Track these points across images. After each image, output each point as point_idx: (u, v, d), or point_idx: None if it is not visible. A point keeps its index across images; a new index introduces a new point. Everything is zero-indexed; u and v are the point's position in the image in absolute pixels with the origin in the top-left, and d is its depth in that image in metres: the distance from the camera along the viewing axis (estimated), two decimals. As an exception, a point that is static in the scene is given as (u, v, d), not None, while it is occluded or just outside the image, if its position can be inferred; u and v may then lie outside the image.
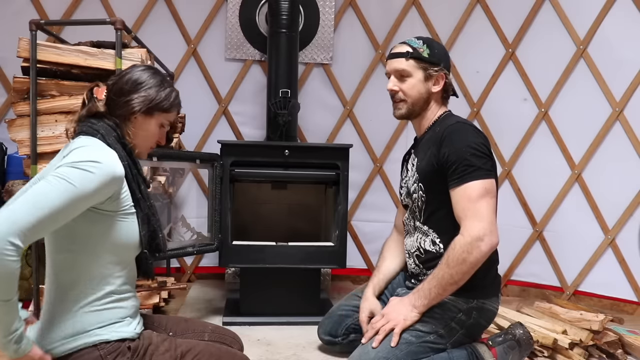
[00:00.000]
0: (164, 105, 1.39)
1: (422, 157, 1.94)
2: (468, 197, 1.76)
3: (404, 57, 1.93)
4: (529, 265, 3.35)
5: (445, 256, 1.78)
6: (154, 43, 2.81)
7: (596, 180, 3.14)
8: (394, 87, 1.96)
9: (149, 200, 1.37)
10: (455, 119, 1.94)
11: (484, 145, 1.83)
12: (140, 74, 1.39)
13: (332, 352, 2.19)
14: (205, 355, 1.37)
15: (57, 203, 1.14)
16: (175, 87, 1.46)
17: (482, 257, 1.73)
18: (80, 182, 1.18)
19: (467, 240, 1.73)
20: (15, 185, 2.23)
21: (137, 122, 1.38)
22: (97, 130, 1.31)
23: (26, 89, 2.16)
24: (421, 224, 1.95)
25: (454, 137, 1.82)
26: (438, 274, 1.77)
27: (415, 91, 1.94)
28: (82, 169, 1.20)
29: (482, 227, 1.73)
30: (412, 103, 1.95)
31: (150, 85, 1.38)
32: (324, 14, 3.42)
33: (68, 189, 1.16)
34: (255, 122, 3.43)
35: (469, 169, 1.77)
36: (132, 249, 1.34)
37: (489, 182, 1.78)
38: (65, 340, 1.26)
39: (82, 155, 1.23)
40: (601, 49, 3.10)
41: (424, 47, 1.94)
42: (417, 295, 1.81)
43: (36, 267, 2.15)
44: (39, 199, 1.13)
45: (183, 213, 3.28)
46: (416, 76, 1.93)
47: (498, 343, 1.88)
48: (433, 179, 1.87)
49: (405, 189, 2.06)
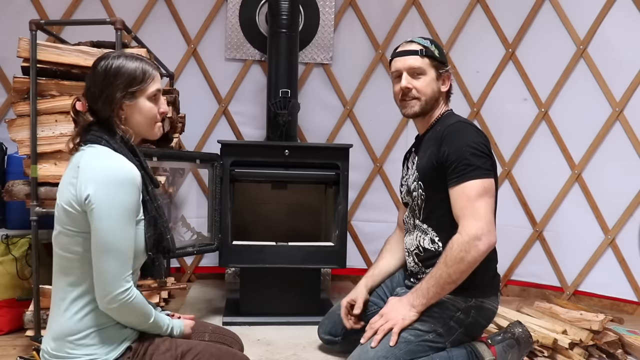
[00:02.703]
0: (139, 80, 1.35)
1: (422, 156, 1.95)
2: (467, 196, 1.76)
3: (419, 54, 1.92)
4: (529, 265, 3.35)
5: (443, 255, 1.78)
6: (154, 43, 2.82)
7: (596, 180, 3.14)
8: (409, 84, 1.93)
9: (156, 201, 1.38)
10: (456, 118, 1.94)
11: (484, 144, 1.83)
12: (102, 68, 1.34)
13: (332, 351, 2.20)
14: (206, 355, 1.37)
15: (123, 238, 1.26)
16: (142, 56, 1.41)
17: (480, 256, 1.73)
18: (125, 202, 1.25)
19: (465, 240, 1.73)
20: (15, 185, 2.23)
21: (128, 111, 1.36)
22: (100, 137, 1.32)
23: (26, 89, 2.16)
24: (420, 222, 1.95)
25: (454, 136, 1.82)
26: (436, 273, 1.77)
27: (429, 89, 1.93)
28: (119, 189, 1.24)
29: (480, 226, 1.73)
30: (426, 101, 1.94)
31: (116, 70, 1.33)
32: (324, 14, 3.42)
33: (124, 215, 1.25)
34: (255, 122, 3.43)
35: (468, 168, 1.77)
36: (142, 256, 1.34)
37: (487, 182, 1.78)
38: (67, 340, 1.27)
39: (105, 171, 1.26)
40: (601, 49, 3.10)
41: (432, 46, 1.95)
42: (416, 295, 1.81)
43: (36, 267, 2.15)
44: (111, 247, 1.23)
45: (183, 213, 3.28)
46: (430, 74, 1.93)
47: (497, 342, 1.88)
48: (433, 177, 1.87)
49: (405, 187, 2.06)
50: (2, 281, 2.35)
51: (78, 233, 1.27)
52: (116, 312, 1.27)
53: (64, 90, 2.18)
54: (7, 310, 2.36)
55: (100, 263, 1.23)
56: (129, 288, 1.26)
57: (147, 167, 1.39)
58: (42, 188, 2.15)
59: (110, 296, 1.24)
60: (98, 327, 1.29)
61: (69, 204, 1.26)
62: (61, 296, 1.31)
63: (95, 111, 1.35)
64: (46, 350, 1.31)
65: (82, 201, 1.23)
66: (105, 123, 1.35)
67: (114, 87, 1.33)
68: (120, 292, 1.24)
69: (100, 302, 1.25)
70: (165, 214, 1.44)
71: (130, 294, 1.26)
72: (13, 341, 2.31)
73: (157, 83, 1.39)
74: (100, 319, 1.29)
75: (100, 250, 1.23)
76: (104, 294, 1.24)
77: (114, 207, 1.23)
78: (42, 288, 2.14)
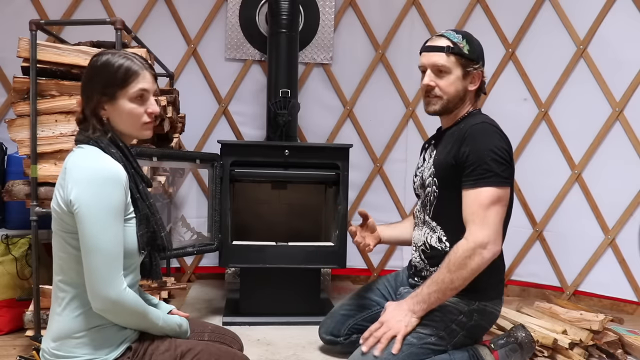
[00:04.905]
0: (118, 81, 1.30)
1: (441, 151, 1.90)
2: (480, 202, 1.74)
3: (444, 51, 1.85)
4: (529, 265, 3.35)
5: (446, 259, 1.76)
6: (154, 43, 2.82)
7: (596, 180, 3.14)
8: (431, 82, 1.87)
9: (148, 200, 1.36)
10: (482, 118, 1.89)
11: (506, 150, 1.78)
12: (89, 65, 1.34)
13: (332, 352, 2.19)
14: (205, 355, 1.37)
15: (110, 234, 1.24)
16: (133, 55, 1.36)
17: (484, 264, 1.72)
18: (109, 202, 1.23)
19: (470, 246, 1.72)
20: (15, 185, 2.23)
21: (110, 110, 1.33)
22: (88, 137, 1.31)
23: (26, 89, 2.16)
24: (430, 219, 1.93)
25: (478, 137, 1.78)
26: (438, 277, 1.76)
27: (452, 89, 1.87)
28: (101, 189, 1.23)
29: (486, 234, 1.72)
30: (448, 100, 1.88)
31: (98, 69, 1.32)
32: (324, 14, 3.42)
33: (108, 215, 1.23)
34: (255, 122, 3.43)
35: (487, 174, 1.74)
36: (135, 254, 1.33)
37: (502, 191, 1.75)
38: (66, 340, 1.27)
39: (88, 171, 1.25)
40: (601, 49, 3.10)
41: (464, 42, 1.86)
42: (416, 300, 1.79)
43: (36, 267, 2.15)
44: (97, 247, 1.22)
45: (183, 213, 3.28)
46: (455, 73, 1.86)
47: (500, 346, 1.88)
48: (449, 175, 1.84)
49: (419, 179, 2.02)
50: (2, 281, 2.35)
51: (69, 234, 1.27)
52: (108, 313, 1.26)
53: (64, 90, 2.18)
54: (7, 310, 2.36)
55: (88, 263, 1.23)
56: (120, 288, 1.24)
57: (138, 166, 1.38)
58: (42, 188, 2.15)
59: (100, 297, 1.23)
60: (97, 327, 1.29)
61: (59, 206, 1.26)
62: (60, 296, 1.31)
63: (87, 108, 1.35)
64: (46, 350, 1.31)
65: (68, 202, 1.23)
66: (91, 121, 1.33)
67: (93, 84, 1.32)
68: (110, 292, 1.23)
69: (92, 302, 1.25)
70: (159, 212, 1.43)
71: (121, 294, 1.24)
72: (13, 341, 2.31)
73: (143, 83, 1.33)
74: (98, 318, 1.28)
75: (87, 250, 1.22)
76: (94, 295, 1.23)
77: (98, 206, 1.22)
78: (42, 288, 2.14)
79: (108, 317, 1.28)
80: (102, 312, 1.26)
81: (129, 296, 1.27)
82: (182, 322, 1.45)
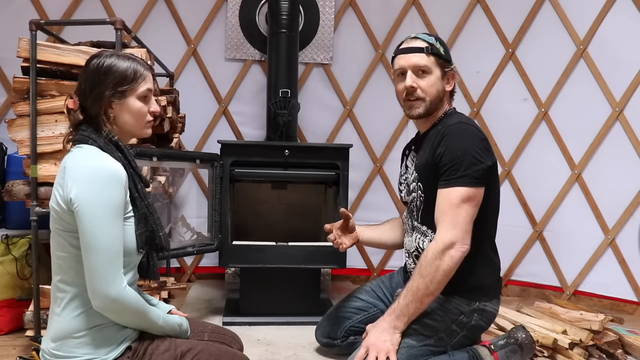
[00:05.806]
0: (129, 79, 1.34)
1: (422, 155, 1.91)
2: (450, 201, 1.74)
3: (425, 52, 1.84)
4: (529, 265, 3.35)
5: (418, 264, 1.76)
6: (154, 43, 2.81)
7: (596, 180, 3.14)
8: (414, 83, 1.85)
9: (146, 199, 1.37)
10: (458, 117, 1.88)
11: (481, 150, 1.77)
12: (93, 66, 1.34)
13: (332, 353, 2.19)
14: (205, 355, 1.37)
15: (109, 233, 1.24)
16: (134, 56, 1.40)
17: (455, 264, 1.71)
18: (109, 200, 1.24)
19: (439, 247, 1.71)
20: (15, 185, 2.23)
21: (117, 109, 1.35)
22: (88, 136, 1.32)
23: (26, 89, 2.16)
24: (419, 223, 1.93)
25: (453, 137, 1.78)
26: (412, 286, 1.74)
27: (434, 89, 1.86)
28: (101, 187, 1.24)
29: (454, 234, 1.71)
30: (431, 102, 1.87)
31: (107, 68, 1.33)
32: (324, 14, 3.42)
33: (108, 213, 1.23)
34: (255, 122, 3.43)
35: (458, 174, 1.74)
36: (134, 253, 1.34)
37: (473, 191, 1.74)
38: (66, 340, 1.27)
39: (88, 169, 1.25)
40: (601, 49, 3.10)
41: (437, 43, 1.87)
42: (395, 315, 1.77)
43: (36, 267, 2.15)
44: (97, 245, 1.23)
45: (183, 213, 3.28)
46: (435, 73, 1.86)
47: (500, 347, 1.87)
48: (430, 177, 1.84)
49: (405, 187, 2.03)
50: (2, 281, 2.35)
51: (69, 232, 1.27)
52: (109, 311, 1.27)
53: (64, 90, 2.17)
54: (7, 310, 2.36)
55: (88, 262, 1.23)
56: (120, 286, 1.25)
57: (136, 166, 1.39)
58: (42, 188, 2.15)
59: (101, 295, 1.23)
60: (96, 327, 1.29)
61: (58, 205, 1.27)
62: (59, 296, 1.31)
63: (85, 109, 1.35)
64: (46, 350, 1.31)
65: (68, 201, 1.24)
66: (94, 122, 1.34)
67: (104, 85, 1.32)
68: (110, 290, 1.23)
69: (92, 301, 1.25)
70: (157, 212, 1.43)
71: (122, 292, 1.25)
72: (13, 341, 2.31)
73: (148, 83, 1.38)
74: (98, 318, 1.29)
75: (87, 249, 1.23)
76: (95, 293, 1.24)
77: (98, 205, 1.23)
78: (42, 288, 2.14)
79: (109, 315, 1.28)
80: (102, 311, 1.26)
81: (129, 294, 1.27)
82: (182, 322, 1.45)
